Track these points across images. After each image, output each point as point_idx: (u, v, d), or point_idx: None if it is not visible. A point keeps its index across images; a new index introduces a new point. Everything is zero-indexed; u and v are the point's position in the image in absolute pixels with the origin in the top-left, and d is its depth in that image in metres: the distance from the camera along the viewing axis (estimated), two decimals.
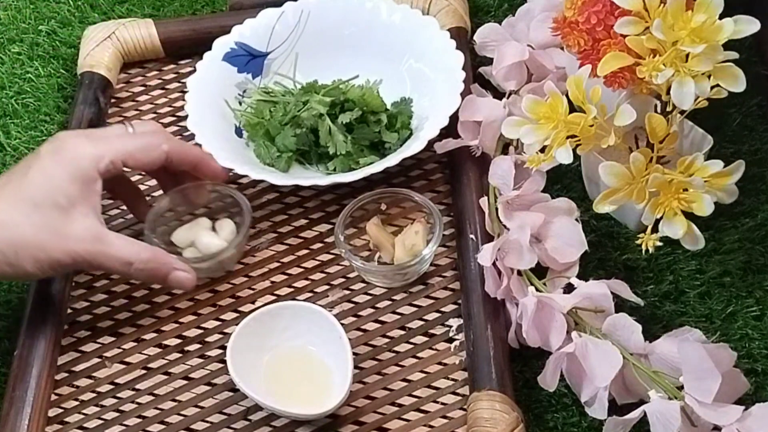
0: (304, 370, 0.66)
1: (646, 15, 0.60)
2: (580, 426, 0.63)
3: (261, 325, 0.66)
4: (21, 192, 0.63)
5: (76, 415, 0.67)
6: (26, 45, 0.91)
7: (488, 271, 0.66)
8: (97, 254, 0.64)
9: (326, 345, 0.65)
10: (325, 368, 0.66)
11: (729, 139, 0.75)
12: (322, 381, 0.65)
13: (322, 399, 0.63)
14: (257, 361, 0.66)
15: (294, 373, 0.66)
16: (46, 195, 0.63)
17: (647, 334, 0.61)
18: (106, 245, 0.64)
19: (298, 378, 0.66)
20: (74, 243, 0.63)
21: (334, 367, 0.65)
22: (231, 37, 0.82)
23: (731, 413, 0.55)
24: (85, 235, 0.63)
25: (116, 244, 0.65)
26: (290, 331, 0.66)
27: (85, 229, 0.63)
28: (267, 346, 0.66)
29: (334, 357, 0.65)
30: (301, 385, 0.66)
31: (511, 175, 0.69)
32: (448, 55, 0.77)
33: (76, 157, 0.64)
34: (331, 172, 0.76)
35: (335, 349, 0.64)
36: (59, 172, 0.63)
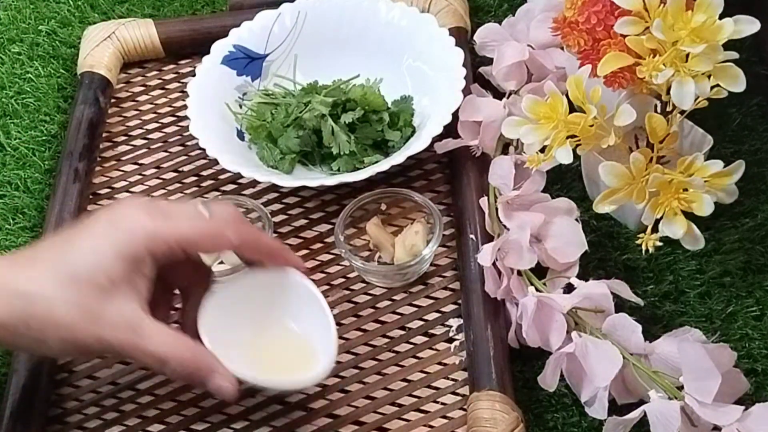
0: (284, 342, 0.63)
1: (646, 15, 0.60)
2: (580, 426, 0.63)
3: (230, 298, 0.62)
4: (60, 262, 0.56)
5: (76, 415, 0.67)
6: (26, 45, 0.91)
7: (488, 271, 0.66)
8: (129, 346, 0.56)
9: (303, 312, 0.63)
10: (305, 338, 0.63)
11: (729, 139, 0.75)
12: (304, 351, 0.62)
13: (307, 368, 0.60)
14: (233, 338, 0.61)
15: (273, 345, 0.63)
16: (87, 270, 0.55)
17: (647, 334, 0.61)
18: (140, 337, 0.56)
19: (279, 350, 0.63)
20: (106, 329, 0.55)
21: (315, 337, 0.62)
22: (229, 40, 0.82)
23: (731, 413, 0.55)
24: (120, 322, 0.55)
25: (153, 339, 0.56)
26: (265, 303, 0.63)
27: (120, 316, 0.55)
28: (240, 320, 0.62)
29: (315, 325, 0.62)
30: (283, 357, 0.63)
31: (511, 175, 0.69)
32: (447, 52, 0.77)
33: (129, 231, 0.56)
34: (335, 172, 0.76)
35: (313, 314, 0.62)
36: (107, 247, 0.55)
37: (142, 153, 0.82)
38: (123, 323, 0.56)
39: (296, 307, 0.63)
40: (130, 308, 0.56)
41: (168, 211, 0.58)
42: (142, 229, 0.56)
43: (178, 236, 0.57)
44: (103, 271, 0.55)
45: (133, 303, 0.56)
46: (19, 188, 0.81)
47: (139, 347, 0.56)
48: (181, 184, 0.79)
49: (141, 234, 0.56)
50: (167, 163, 0.81)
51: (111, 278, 0.55)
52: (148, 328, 0.56)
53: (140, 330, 0.56)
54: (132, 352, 0.56)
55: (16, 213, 0.79)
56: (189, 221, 0.58)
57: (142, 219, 0.57)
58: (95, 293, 0.55)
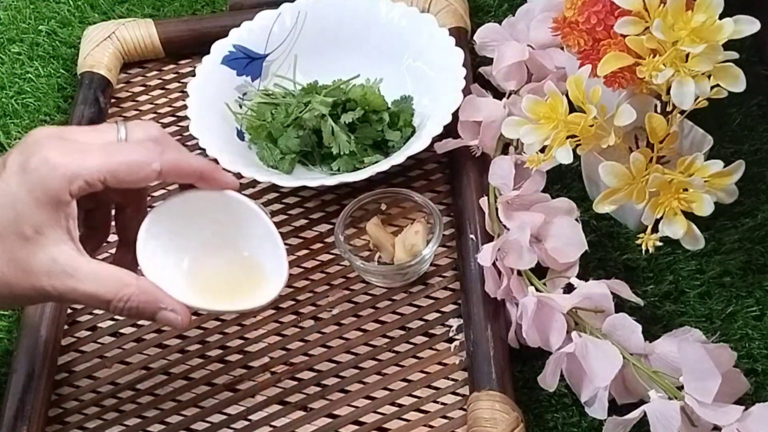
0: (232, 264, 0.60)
1: (646, 15, 0.60)
2: (580, 426, 0.63)
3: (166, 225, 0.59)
4: None
5: (76, 415, 0.67)
6: (26, 45, 0.91)
7: (488, 271, 0.66)
8: (66, 290, 0.54)
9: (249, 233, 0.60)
10: (254, 260, 0.60)
11: (729, 139, 0.75)
12: (254, 272, 0.60)
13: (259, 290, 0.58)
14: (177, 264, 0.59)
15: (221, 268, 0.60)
16: (9, 223, 0.53)
17: (647, 334, 0.61)
18: (78, 280, 0.54)
19: (228, 273, 0.60)
20: (42, 278, 0.53)
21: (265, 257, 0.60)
22: (229, 40, 0.82)
23: (731, 413, 0.55)
24: (54, 268, 0.53)
25: (91, 279, 0.54)
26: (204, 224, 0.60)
27: (53, 261, 0.53)
28: (183, 244, 0.59)
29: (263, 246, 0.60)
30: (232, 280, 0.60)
31: (511, 175, 0.69)
32: (447, 52, 0.77)
33: (45, 176, 0.53)
34: (335, 172, 0.76)
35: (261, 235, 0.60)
36: (24, 195, 0.53)
37: None
38: (57, 269, 0.54)
39: (241, 229, 0.60)
40: (61, 252, 0.54)
41: (83, 142, 0.56)
42: (57, 170, 0.53)
43: (96, 172, 0.54)
44: (25, 222, 0.53)
45: (63, 246, 0.54)
46: None
47: (78, 290, 0.54)
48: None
49: (58, 176, 0.53)
50: None
51: (35, 227, 0.53)
52: (83, 268, 0.54)
53: (76, 272, 0.54)
54: (72, 295, 0.54)
55: None
56: (106, 154, 0.55)
57: (55, 159, 0.53)
58: (23, 245, 0.53)
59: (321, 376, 0.67)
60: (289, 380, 0.67)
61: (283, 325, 0.70)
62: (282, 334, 0.69)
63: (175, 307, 0.56)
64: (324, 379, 0.67)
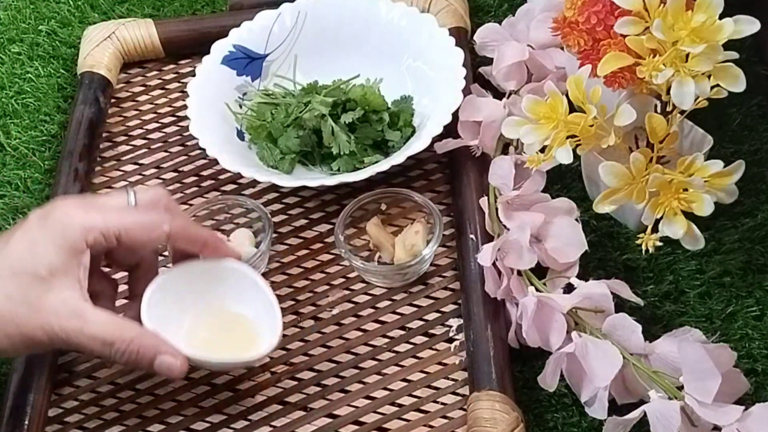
0: (227, 326, 0.65)
1: (646, 15, 0.60)
2: (580, 426, 0.63)
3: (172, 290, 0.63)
4: (2, 259, 0.58)
5: (76, 415, 0.67)
6: (26, 45, 0.91)
7: (488, 271, 0.66)
8: (73, 331, 0.57)
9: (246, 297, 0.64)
10: (249, 319, 0.65)
11: (729, 139, 0.75)
12: (249, 331, 0.64)
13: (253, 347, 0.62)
14: (176, 325, 0.63)
15: (217, 330, 0.64)
16: (27, 264, 0.57)
17: (647, 334, 0.61)
18: (84, 322, 0.57)
19: (223, 332, 0.64)
20: (50, 317, 0.57)
21: (260, 317, 0.64)
22: (229, 40, 0.82)
23: (731, 413, 0.55)
24: (62, 309, 0.57)
25: (96, 322, 0.58)
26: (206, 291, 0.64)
27: (62, 303, 0.57)
28: (184, 311, 0.64)
29: (258, 307, 0.64)
30: (227, 338, 0.64)
31: (511, 175, 0.69)
32: (447, 52, 0.77)
33: (65, 225, 0.58)
34: (335, 172, 0.76)
35: (256, 297, 0.64)
36: (43, 240, 0.57)
37: (142, 153, 0.82)
38: (65, 310, 0.57)
39: (237, 292, 0.64)
40: (69, 295, 0.58)
41: (100, 204, 0.62)
42: (76, 220, 0.58)
43: (112, 227, 0.59)
44: (41, 263, 0.57)
45: (73, 290, 0.58)
46: (19, 188, 0.81)
47: (83, 332, 0.57)
48: (181, 184, 0.79)
49: (76, 225, 0.58)
50: (167, 163, 0.81)
51: (50, 269, 0.57)
52: (90, 312, 0.58)
53: (83, 315, 0.58)
54: (77, 337, 0.58)
55: (16, 213, 0.79)
56: (121, 213, 0.61)
57: (75, 212, 0.59)
58: (36, 285, 0.57)
59: (321, 376, 0.67)
60: (289, 380, 0.67)
61: (283, 325, 0.69)
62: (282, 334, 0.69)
63: (173, 353, 0.60)
64: (324, 379, 0.67)
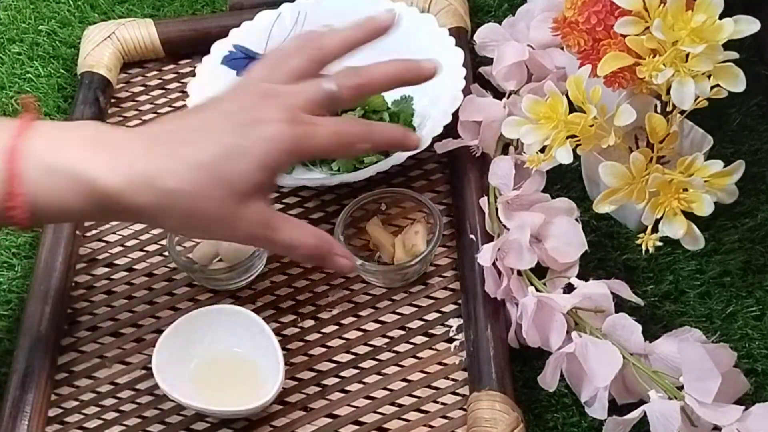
0: (232, 370, 0.66)
1: (646, 15, 0.60)
2: (580, 426, 0.63)
3: (181, 334, 0.66)
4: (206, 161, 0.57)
5: (76, 415, 0.67)
6: (26, 45, 0.91)
7: (488, 271, 0.66)
8: (261, 238, 0.60)
9: (251, 343, 0.66)
10: (253, 366, 0.66)
11: (729, 139, 0.75)
12: (252, 378, 0.65)
13: (255, 395, 0.63)
14: (183, 370, 0.66)
15: (222, 375, 0.66)
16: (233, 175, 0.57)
17: (647, 334, 0.61)
18: (273, 230, 0.60)
19: (227, 379, 0.66)
20: (243, 224, 0.58)
21: (263, 363, 0.66)
22: (229, 40, 0.82)
23: (731, 413, 0.55)
24: (255, 219, 0.59)
25: (283, 231, 0.60)
26: (212, 335, 0.67)
27: (256, 214, 0.59)
28: (191, 354, 0.66)
29: (262, 353, 0.65)
30: (232, 384, 0.66)
31: (511, 175, 0.69)
32: (447, 52, 0.77)
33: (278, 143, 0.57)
34: (335, 172, 0.76)
35: (261, 344, 0.65)
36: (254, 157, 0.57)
37: None
38: (257, 220, 0.59)
39: (244, 338, 0.66)
40: (263, 207, 0.59)
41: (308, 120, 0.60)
42: (287, 142, 0.58)
43: (317, 149, 0.60)
44: (247, 179, 0.57)
45: (265, 201, 0.60)
46: None
47: (270, 238, 0.60)
48: None
49: (286, 148, 0.58)
50: None
51: (253, 185, 0.58)
52: (277, 221, 0.60)
53: (272, 224, 0.60)
54: (262, 242, 0.62)
55: None
56: (327, 135, 0.60)
57: (287, 131, 0.58)
58: (236, 196, 0.57)
59: (321, 376, 0.67)
60: (289, 380, 0.67)
61: (283, 325, 0.70)
62: (282, 334, 0.69)
63: (345, 254, 0.63)
64: (324, 379, 0.67)
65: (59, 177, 0.55)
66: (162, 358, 0.64)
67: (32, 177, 0.55)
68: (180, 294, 0.72)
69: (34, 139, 0.56)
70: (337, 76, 0.62)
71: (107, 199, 0.56)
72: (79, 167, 0.55)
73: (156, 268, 0.74)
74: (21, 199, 0.55)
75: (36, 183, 0.55)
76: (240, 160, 0.57)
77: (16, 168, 0.54)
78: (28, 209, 0.55)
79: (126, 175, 0.56)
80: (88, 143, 0.57)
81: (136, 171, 0.56)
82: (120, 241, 0.76)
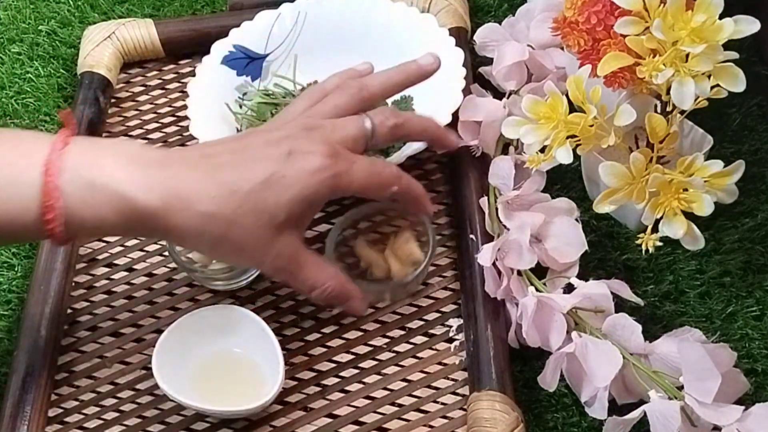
0: (232, 370, 0.66)
1: (646, 15, 0.60)
2: (580, 426, 0.63)
3: (181, 334, 0.66)
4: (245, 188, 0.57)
5: (76, 415, 0.67)
6: (26, 45, 0.91)
7: (488, 271, 0.66)
8: (284, 273, 0.60)
9: (251, 343, 0.66)
10: (253, 366, 0.66)
11: (729, 139, 0.75)
12: (252, 378, 0.65)
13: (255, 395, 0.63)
14: (183, 370, 0.65)
15: (222, 375, 0.66)
16: (270, 205, 0.57)
17: (647, 334, 0.61)
18: (298, 267, 0.60)
19: (227, 379, 0.66)
20: (270, 256, 0.59)
21: (263, 363, 0.66)
22: (229, 40, 0.82)
23: (731, 413, 0.55)
24: (284, 252, 0.59)
25: (307, 269, 0.60)
26: (212, 335, 0.67)
27: (286, 247, 0.59)
28: (191, 354, 0.66)
29: (262, 353, 0.65)
30: (232, 384, 0.66)
31: (511, 175, 0.69)
32: (447, 52, 0.77)
33: (319, 178, 0.58)
34: None
35: (261, 344, 0.65)
36: (293, 189, 0.57)
37: None
38: (286, 254, 0.59)
39: (244, 338, 0.66)
40: (295, 241, 0.59)
41: (348, 157, 0.60)
42: (327, 178, 0.58)
43: (354, 186, 0.60)
44: (284, 211, 0.58)
45: (298, 236, 0.60)
46: None
47: (294, 274, 0.60)
48: None
49: (326, 183, 0.58)
50: None
51: (289, 217, 0.58)
52: (305, 258, 0.60)
53: (298, 260, 0.60)
54: (285, 276, 0.61)
55: None
56: (366, 174, 0.60)
57: (328, 166, 0.58)
58: (272, 226, 0.58)
59: (321, 376, 0.67)
60: (289, 380, 0.67)
61: (283, 325, 0.70)
62: (282, 334, 0.69)
63: (362, 299, 0.63)
64: (324, 379, 0.67)
65: (97, 192, 0.55)
66: (162, 358, 0.64)
67: (70, 191, 0.55)
68: (180, 294, 0.72)
69: (72, 154, 0.56)
70: (375, 115, 0.63)
71: (143, 217, 0.56)
72: (118, 184, 0.55)
73: (156, 268, 0.74)
74: (58, 213, 0.55)
75: (73, 197, 0.55)
76: (279, 190, 0.57)
77: (54, 181, 0.55)
78: (64, 222, 0.55)
79: (164, 195, 0.56)
80: (127, 160, 0.57)
81: (174, 192, 0.56)
82: (120, 241, 0.76)
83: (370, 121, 0.62)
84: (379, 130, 0.63)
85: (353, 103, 0.64)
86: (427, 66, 0.69)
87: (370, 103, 0.65)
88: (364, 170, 0.60)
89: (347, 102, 0.64)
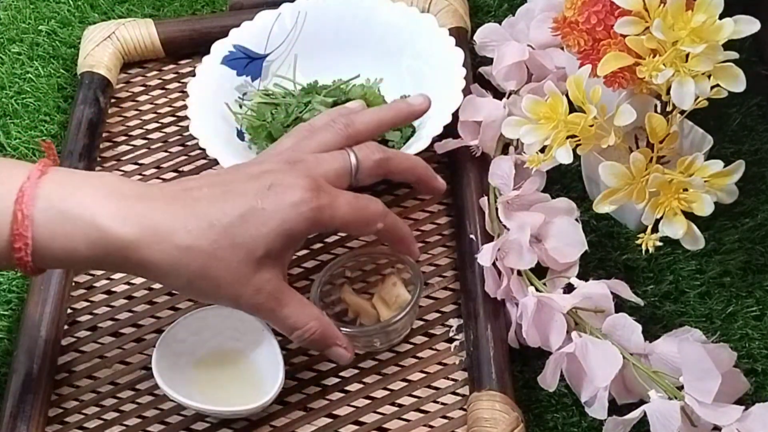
0: (232, 370, 0.66)
1: (646, 15, 0.60)
2: (580, 426, 0.63)
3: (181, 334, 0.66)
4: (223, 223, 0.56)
5: (76, 415, 0.67)
6: (26, 45, 0.91)
7: (488, 271, 0.66)
8: (265, 311, 0.59)
9: (251, 343, 0.66)
10: (253, 366, 0.66)
11: (729, 139, 0.75)
12: (252, 378, 0.65)
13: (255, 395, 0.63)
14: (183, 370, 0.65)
15: (222, 375, 0.66)
16: (248, 239, 0.56)
17: (647, 334, 0.61)
18: (279, 305, 0.59)
19: (227, 379, 0.66)
20: (249, 292, 0.57)
21: (263, 363, 0.66)
22: (229, 40, 0.82)
23: (731, 413, 0.55)
24: (264, 289, 0.58)
25: (288, 309, 0.59)
26: (212, 335, 0.67)
27: (267, 283, 0.58)
28: (191, 354, 0.66)
29: (262, 353, 0.65)
30: (232, 384, 0.66)
31: (511, 175, 0.69)
32: (447, 52, 0.77)
33: (298, 212, 0.57)
34: None
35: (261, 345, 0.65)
36: (272, 222, 0.57)
37: (142, 153, 0.82)
38: (265, 290, 0.58)
39: (244, 338, 0.66)
40: (275, 277, 0.58)
41: (330, 191, 0.59)
42: (308, 211, 0.57)
43: (337, 221, 0.59)
44: (263, 245, 0.57)
45: (278, 272, 0.59)
46: None
47: (274, 313, 0.59)
48: None
49: (307, 217, 0.57)
50: (167, 163, 0.81)
51: (269, 251, 0.57)
52: (284, 295, 0.59)
53: (280, 298, 0.58)
54: (265, 314, 0.59)
55: None
56: (349, 208, 0.60)
57: (309, 199, 0.57)
58: (250, 261, 0.57)
59: (321, 376, 0.67)
60: (289, 380, 0.67)
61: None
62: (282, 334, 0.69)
63: (345, 344, 0.62)
64: (324, 379, 0.67)
65: (70, 223, 0.55)
66: (162, 358, 0.64)
67: (42, 221, 0.54)
68: (180, 294, 0.72)
69: (48, 183, 0.55)
70: (360, 149, 0.63)
71: (117, 249, 0.55)
72: (93, 215, 0.55)
73: None
74: (27, 242, 0.54)
75: (45, 227, 0.54)
76: (258, 224, 0.56)
77: (25, 210, 0.54)
78: (32, 252, 0.55)
79: (140, 227, 0.55)
80: (104, 193, 0.56)
81: (150, 224, 0.55)
82: None
83: (354, 156, 0.62)
84: (364, 165, 0.62)
85: (339, 140, 0.63)
86: (418, 106, 0.69)
87: (356, 140, 0.64)
88: (348, 204, 0.59)
89: (333, 138, 0.63)
